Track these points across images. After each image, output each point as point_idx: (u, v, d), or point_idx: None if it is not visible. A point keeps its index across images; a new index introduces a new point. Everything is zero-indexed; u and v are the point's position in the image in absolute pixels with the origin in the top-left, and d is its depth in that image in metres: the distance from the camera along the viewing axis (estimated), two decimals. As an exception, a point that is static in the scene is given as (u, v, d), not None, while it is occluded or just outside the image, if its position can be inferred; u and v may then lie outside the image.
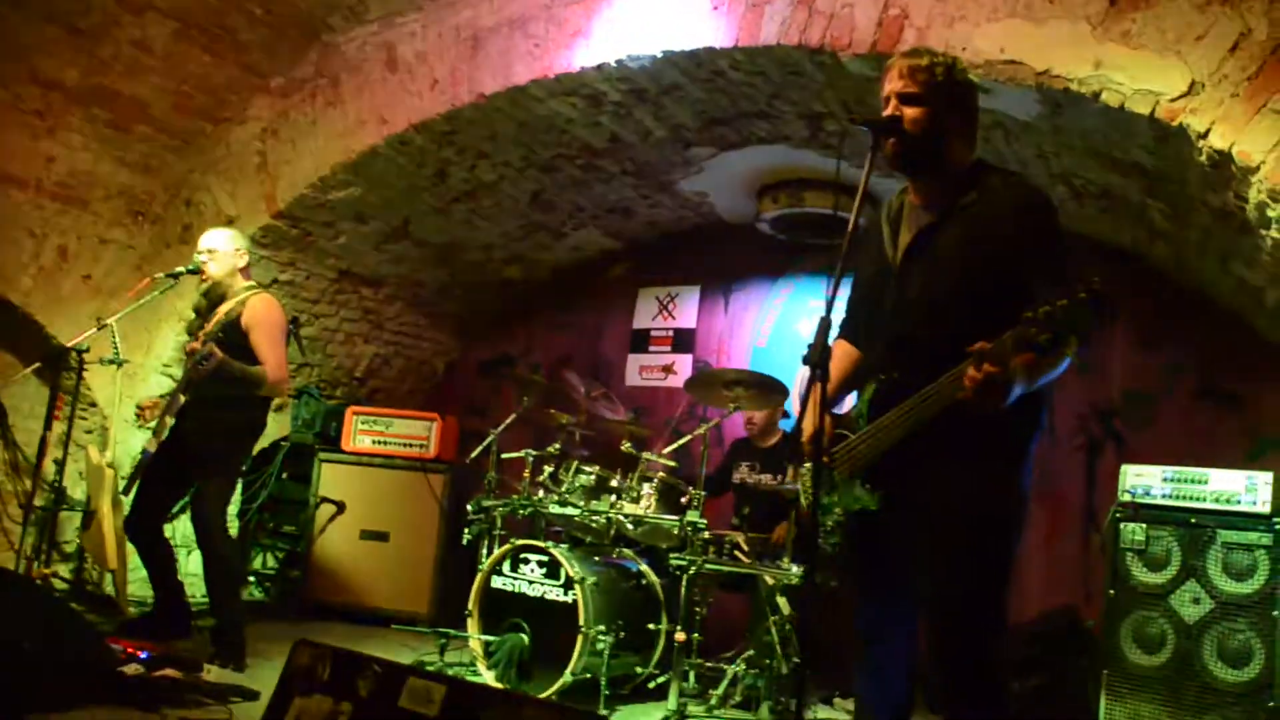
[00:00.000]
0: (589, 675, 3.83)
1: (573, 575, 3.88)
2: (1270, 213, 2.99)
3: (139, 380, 5.25)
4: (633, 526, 4.25)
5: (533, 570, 4.04)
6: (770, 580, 3.97)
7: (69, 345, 4.45)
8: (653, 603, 4.24)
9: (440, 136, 4.78)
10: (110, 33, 4.52)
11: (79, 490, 5.16)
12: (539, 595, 3.99)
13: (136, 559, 4.16)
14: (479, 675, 3.99)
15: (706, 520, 4.04)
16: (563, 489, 4.33)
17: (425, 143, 4.81)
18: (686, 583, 3.92)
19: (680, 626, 3.88)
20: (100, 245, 5.10)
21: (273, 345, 4.02)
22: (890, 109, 2.25)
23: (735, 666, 4.04)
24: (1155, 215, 3.98)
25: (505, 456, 4.71)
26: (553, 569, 3.99)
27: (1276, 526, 3.49)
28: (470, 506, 4.54)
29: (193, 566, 4.68)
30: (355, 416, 5.72)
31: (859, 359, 2.54)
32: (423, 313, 6.47)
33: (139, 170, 5.05)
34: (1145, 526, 3.73)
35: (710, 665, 4.14)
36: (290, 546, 5.69)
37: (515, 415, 4.86)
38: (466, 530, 4.53)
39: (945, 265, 2.24)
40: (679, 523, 4.06)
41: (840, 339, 2.59)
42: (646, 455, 4.38)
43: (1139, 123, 3.11)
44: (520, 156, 5.04)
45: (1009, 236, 2.19)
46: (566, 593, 3.91)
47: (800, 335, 5.74)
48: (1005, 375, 2.01)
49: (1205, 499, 3.69)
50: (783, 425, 5.15)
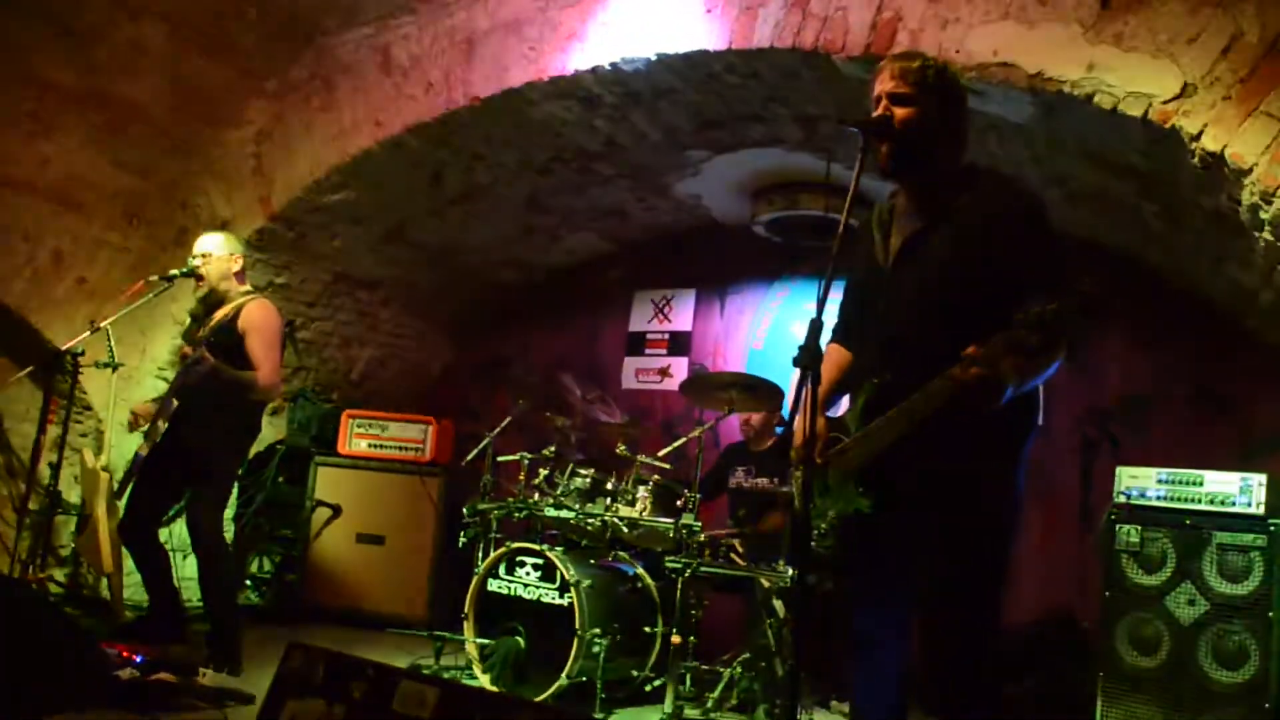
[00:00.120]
0: (585, 678, 3.83)
1: (568, 578, 3.88)
2: (1263, 214, 3.00)
3: (134, 384, 5.24)
4: (628, 529, 4.25)
5: (528, 573, 4.04)
6: (766, 583, 3.97)
7: (63, 348, 4.44)
8: (649, 606, 4.24)
9: (435, 139, 4.78)
10: (106, 35, 4.51)
11: (74, 494, 5.14)
12: (535, 598, 3.99)
13: (132, 563, 4.16)
14: (475, 679, 3.99)
15: (702, 523, 4.05)
16: (558, 492, 4.33)
17: (420, 146, 4.81)
18: (682, 585, 3.91)
19: (676, 629, 3.88)
20: (95, 248, 5.08)
21: (268, 350, 4.01)
22: (881, 110, 2.25)
23: (731, 669, 4.04)
24: (1149, 218, 3.99)
25: (501, 459, 4.71)
26: (548, 572, 3.98)
27: (1271, 528, 3.50)
28: (466, 509, 4.54)
29: (188, 570, 4.66)
30: (351, 420, 5.72)
31: (850, 362, 2.54)
32: (418, 316, 6.47)
33: (134, 173, 5.03)
34: (1140, 528, 3.74)
35: (706, 668, 4.15)
36: (286, 550, 5.69)
37: (511, 418, 4.86)
38: (462, 533, 4.53)
39: (937, 269, 2.24)
40: (674, 526, 4.06)
41: (832, 343, 2.57)
42: (642, 458, 4.38)
43: (1132, 125, 3.12)
44: (515, 159, 5.04)
45: (1001, 240, 2.19)
46: (562, 596, 3.91)
47: (796, 338, 5.73)
48: (997, 377, 2.02)
49: (1200, 501, 3.69)
50: (778, 430, 5.15)
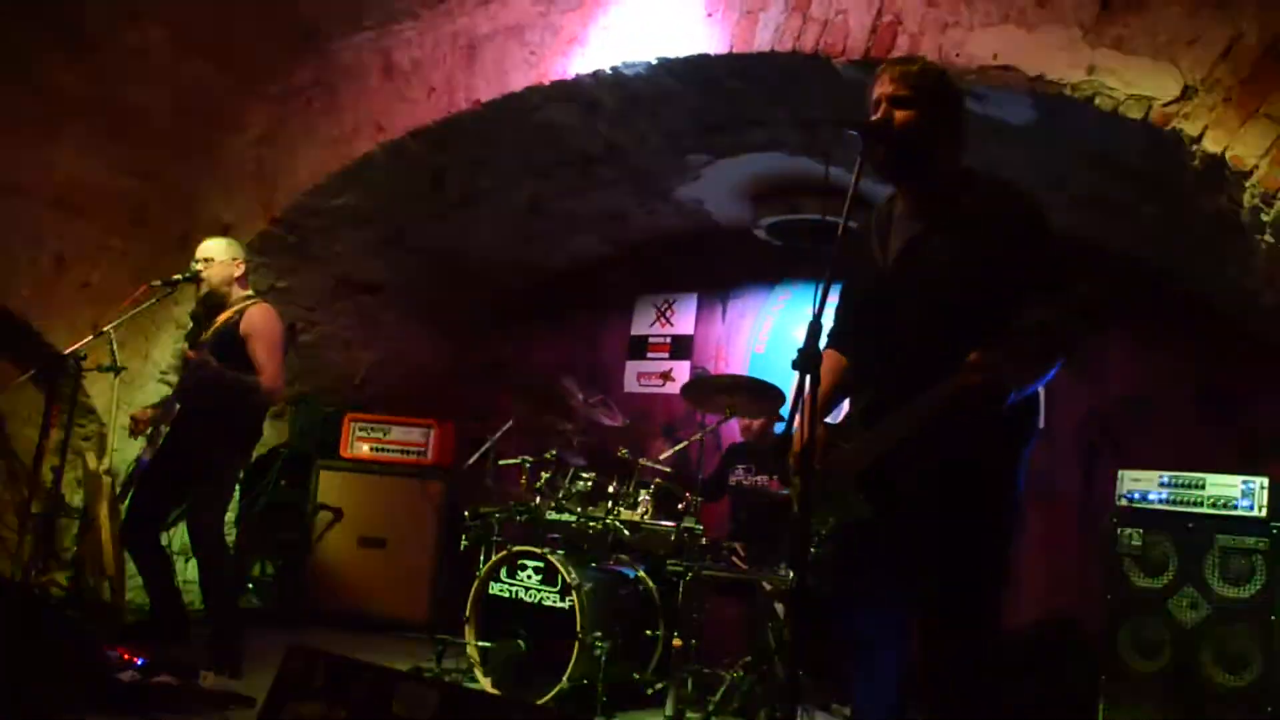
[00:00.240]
0: (586, 682, 3.83)
1: (569, 581, 3.88)
2: (1264, 216, 3.00)
3: (137, 388, 5.24)
4: (629, 533, 4.25)
5: (530, 576, 4.04)
6: (768, 586, 3.97)
7: (66, 352, 4.45)
8: (650, 609, 4.24)
9: (436, 143, 4.78)
10: (109, 40, 4.53)
11: (76, 498, 5.15)
12: (536, 602, 3.98)
13: (134, 566, 4.16)
14: (476, 681, 3.99)
15: (703, 526, 4.04)
16: (560, 495, 4.33)
17: (421, 149, 4.82)
18: (684, 589, 3.91)
19: (677, 633, 3.88)
20: (98, 253, 5.09)
21: (270, 354, 4.02)
22: (880, 113, 2.25)
23: (733, 673, 4.04)
24: (1150, 220, 3.99)
25: (503, 463, 4.71)
26: (550, 575, 3.98)
27: (1273, 531, 3.49)
28: (467, 513, 4.54)
29: (190, 574, 4.68)
30: (353, 423, 5.73)
31: (848, 368, 2.53)
32: (421, 319, 6.48)
33: (137, 177, 5.04)
34: (1142, 531, 3.73)
35: (708, 671, 4.14)
36: (288, 553, 5.69)
37: (512, 422, 4.86)
38: (464, 536, 4.54)
39: (937, 273, 2.24)
40: (676, 529, 4.06)
41: (829, 348, 2.54)
42: (643, 461, 4.38)
43: (1132, 127, 3.12)
44: (517, 163, 5.05)
45: (1001, 242, 2.19)
46: (563, 599, 3.91)
47: (798, 341, 5.70)
48: (999, 384, 2.03)
49: (1202, 503, 3.69)
50: (778, 429, 5.15)
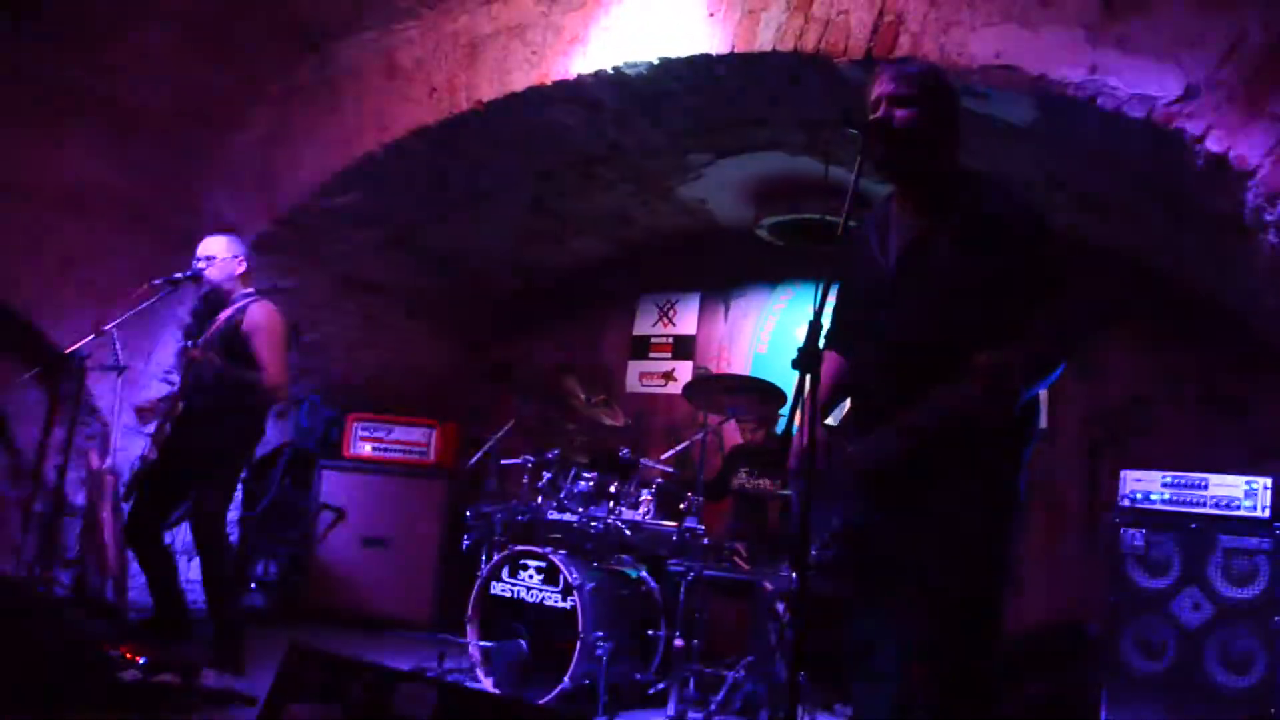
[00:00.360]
0: (587, 681, 3.82)
1: (571, 581, 3.88)
2: (1267, 216, 2.99)
3: (140, 386, 5.26)
4: (631, 532, 4.24)
5: (531, 576, 4.04)
6: (770, 587, 3.96)
7: (69, 351, 4.46)
8: (652, 609, 4.24)
9: (438, 143, 4.78)
10: (113, 40, 4.53)
11: (80, 496, 5.16)
12: (537, 601, 3.98)
13: (137, 565, 4.17)
14: (478, 682, 3.99)
15: (705, 526, 4.04)
16: (561, 495, 4.33)
17: (423, 149, 4.82)
18: (685, 589, 3.91)
19: (679, 633, 3.88)
20: (102, 251, 5.09)
21: (272, 352, 4.03)
22: (880, 111, 2.25)
23: (735, 673, 4.03)
24: (1153, 220, 3.98)
25: (505, 463, 4.72)
26: (551, 575, 3.98)
27: (1277, 531, 3.48)
28: (469, 512, 4.55)
29: (193, 573, 4.68)
30: (356, 423, 5.73)
31: (846, 369, 2.53)
32: (423, 319, 6.48)
33: (141, 176, 5.05)
34: (1145, 532, 3.72)
35: (709, 672, 4.13)
36: (291, 553, 5.69)
37: (514, 421, 4.86)
38: (466, 536, 4.54)
39: (940, 275, 2.23)
40: (678, 529, 4.06)
41: (827, 349, 2.53)
42: (645, 461, 4.38)
43: (1135, 127, 3.11)
44: (519, 163, 5.05)
45: (1002, 244, 2.19)
46: (565, 599, 3.90)
47: (801, 341, 5.72)
48: (1010, 388, 2.02)
49: (1205, 504, 3.68)
50: (778, 430, 5.14)
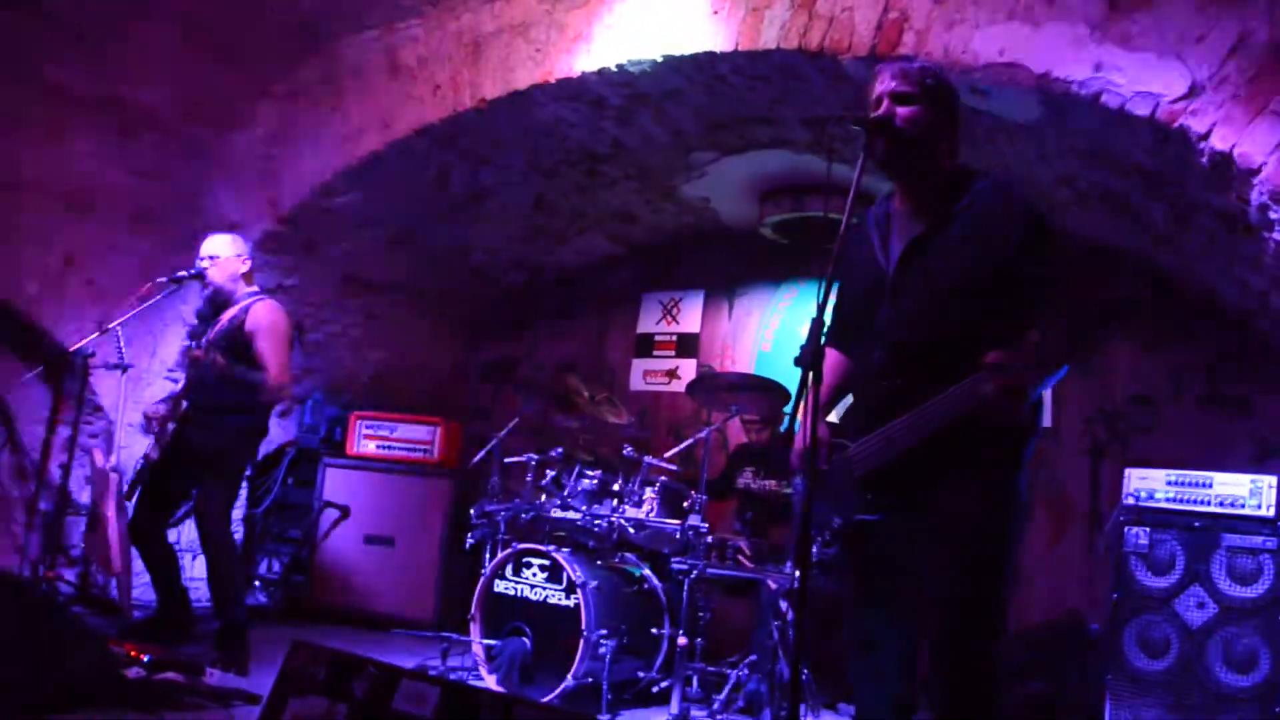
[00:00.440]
0: (591, 680, 3.83)
1: (574, 579, 3.88)
2: (1272, 215, 2.98)
3: (144, 385, 5.27)
4: (635, 531, 4.24)
5: (535, 574, 4.04)
6: (773, 585, 3.96)
7: (73, 349, 4.48)
8: (655, 607, 4.24)
9: (442, 141, 4.79)
10: (116, 39, 4.53)
11: (84, 495, 5.17)
12: (541, 599, 3.99)
13: (141, 563, 4.18)
14: (481, 679, 3.99)
15: (709, 524, 4.04)
16: (565, 493, 4.33)
17: (427, 148, 4.82)
18: (689, 587, 3.91)
19: (683, 631, 3.88)
20: (105, 250, 5.11)
21: (275, 350, 4.04)
22: (883, 109, 2.24)
23: (738, 671, 4.03)
24: (1158, 218, 3.97)
25: (508, 461, 4.72)
26: (555, 573, 3.98)
27: (1281, 530, 3.48)
28: (473, 510, 4.55)
29: (197, 570, 4.69)
30: (359, 421, 5.74)
31: (847, 367, 2.53)
32: (427, 318, 6.48)
33: (144, 175, 5.06)
34: (1149, 530, 3.72)
35: (713, 670, 4.13)
36: (295, 551, 5.70)
37: (518, 419, 4.86)
38: (469, 534, 4.54)
39: (943, 272, 2.23)
40: (681, 527, 4.06)
41: (828, 347, 2.52)
42: (649, 459, 4.37)
43: (1139, 125, 3.11)
44: (522, 161, 5.05)
45: (1004, 242, 2.19)
46: (568, 597, 3.91)
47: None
48: (1022, 385, 2.02)
49: (1209, 503, 3.67)
50: (781, 428, 5.14)
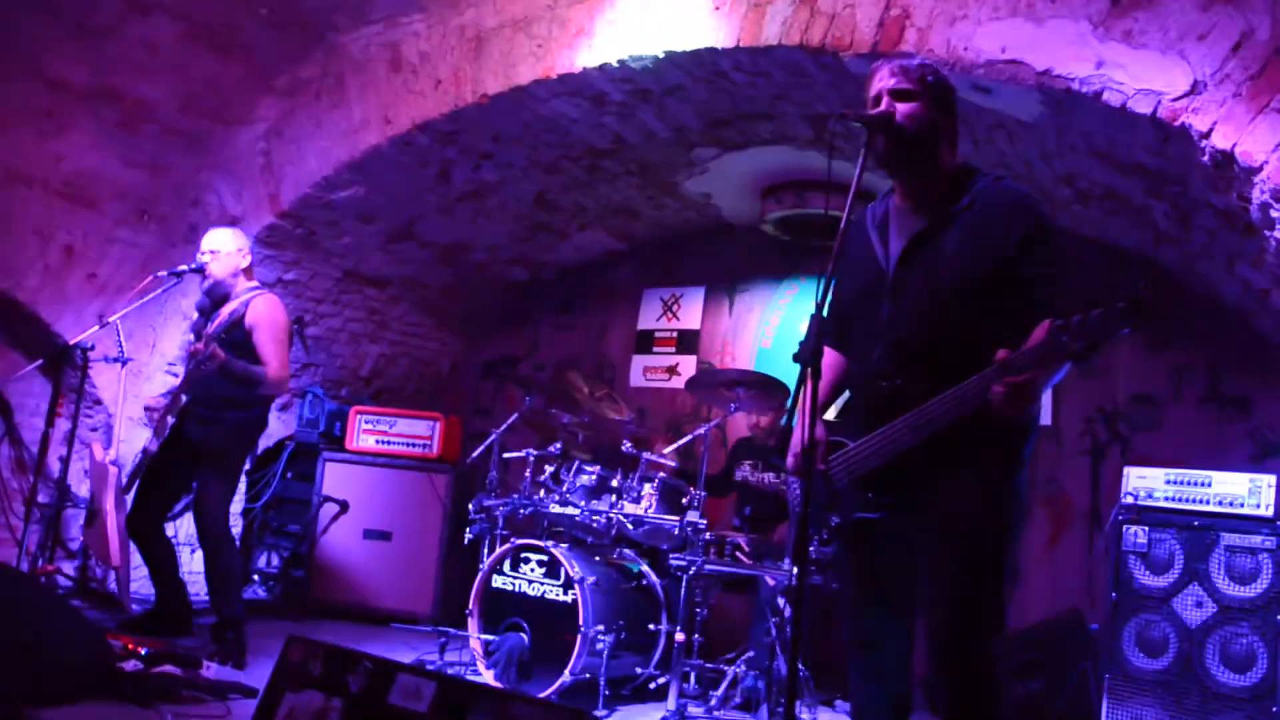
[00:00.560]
0: (588, 675, 3.83)
1: (572, 575, 3.88)
2: (1273, 213, 2.97)
3: (144, 379, 5.27)
4: (633, 526, 4.24)
5: (533, 570, 4.04)
6: (771, 582, 3.96)
7: (73, 342, 4.48)
8: (653, 603, 4.24)
9: (443, 136, 4.78)
10: (118, 32, 4.52)
11: (83, 488, 5.18)
12: (539, 595, 3.99)
13: (139, 557, 4.18)
14: (479, 674, 4.00)
15: (707, 520, 4.04)
16: (564, 489, 4.33)
17: (429, 143, 4.82)
18: (687, 583, 3.91)
19: (680, 627, 3.88)
20: (106, 244, 5.11)
21: (275, 345, 4.04)
22: (883, 106, 2.23)
23: (735, 668, 4.03)
24: (1159, 217, 3.96)
25: (507, 456, 4.72)
26: (553, 568, 3.98)
27: (1280, 530, 3.47)
28: (472, 506, 4.55)
29: (195, 565, 4.69)
30: (359, 416, 5.74)
31: (844, 365, 2.53)
32: (427, 313, 6.48)
33: (145, 169, 5.06)
34: (1148, 529, 3.71)
35: (710, 666, 4.14)
36: (294, 545, 5.71)
37: (518, 415, 4.86)
38: (468, 530, 4.54)
39: (944, 271, 2.23)
40: (680, 523, 4.06)
41: (825, 345, 2.51)
42: (648, 455, 4.37)
43: (1141, 123, 3.10)
44: (524, 157, 5.04)
45: (1006, 240, 2.19)
46: (566, 592, 3.91)
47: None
48: (1033, 383, 2.00)
49: (1208, 502, 3.67)
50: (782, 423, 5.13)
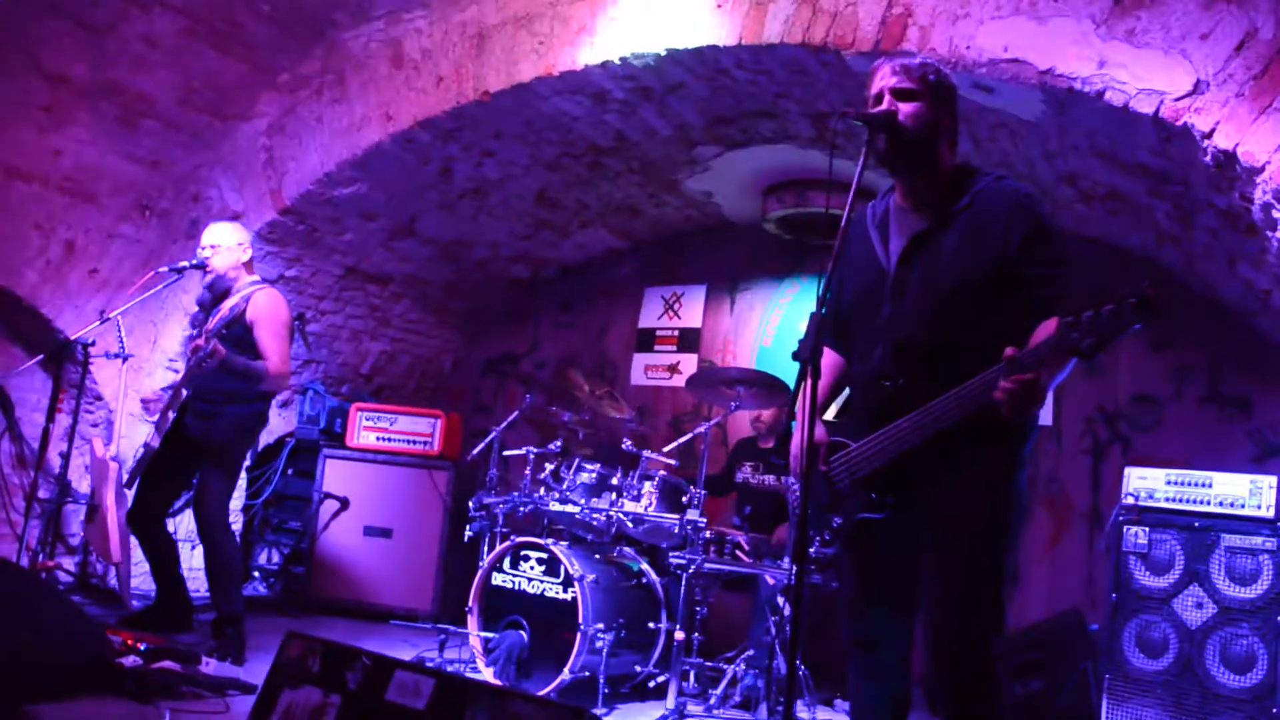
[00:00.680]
0: (588, 673, 3.83)
1: (572, 573, 3.88)
2: (1275, 214, 2.96)
3: (144, 374, 5.27)
4: (633, 525, 4.24)
5: (533, 568, 4.04)
6: (771, 581, 3.96)
7: (74, 338, 4.48)
8: (653, 601, 4.24)
9: (445, 133, 4.78)
10: (118, 28, 4.52)
11: (84, 483, 5.18)
12: (539, 592, 3.99)
13: (140, 552, 4.19)
14: (479, 672, 3.99)
15: (707, 519, 4.04)
16: (564, 487, 4.33)
17: (430, 140, 4.81)
18: (687, 582, 3.91)
19: (680, 625, 3.88)
20: (107, 239, 5.12)
21: (276, 340, 4.04)
22: (885, 105, 2.22)
23: (735, 667, 4.03)
24: (1161, 217, 3.95)
25: (508, 454, 4.72)
26: (552, 566, 3.98)
27: (1281, 531, 3.46)
28: (472, 503, 4.55)
29: (196, 561, 4.70)
30: (360, 413, 5.74)
31: (843, 365, 2.53)
32: (429, 310, 6.48)
33: (146, 165, 5.06)
34: (1148, 530, 3.71)
35: (710, 665, 4.14)
36: (294, 542, 5.71)
37: (518, 413, 4.86)
38: (468, 527, 4.54)
39: (945, 271, 2.22)
40: (680, 521, 4.05)
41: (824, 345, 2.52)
42: (648, 454, 4.37)
43: (1143, 122, 3.09)
44: (526, 154, 5.04)
45: (1007, 240, 2.18)
46: (566, 590, 3.91)
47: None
48: (1041, 381, 1.99)
49: (1209, 503, 3.66)
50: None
